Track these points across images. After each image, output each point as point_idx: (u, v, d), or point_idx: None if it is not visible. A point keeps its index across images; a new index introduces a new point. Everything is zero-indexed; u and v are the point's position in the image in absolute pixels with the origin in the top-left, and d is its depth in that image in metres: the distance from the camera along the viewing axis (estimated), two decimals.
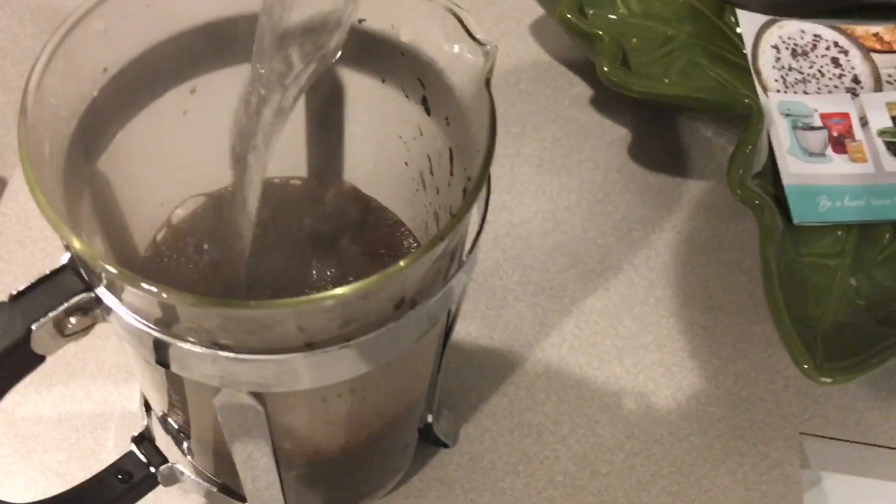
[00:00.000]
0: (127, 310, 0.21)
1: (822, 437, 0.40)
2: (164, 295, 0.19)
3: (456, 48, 0.24)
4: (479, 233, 0.23)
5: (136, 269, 0.27)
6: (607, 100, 0.49)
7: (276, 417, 0.25)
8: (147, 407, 0.33)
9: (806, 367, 0.35)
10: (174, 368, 0.22)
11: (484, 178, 0.21)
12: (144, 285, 0.18)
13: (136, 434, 0.32)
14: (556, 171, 0.46)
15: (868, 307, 0.41)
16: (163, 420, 0.31)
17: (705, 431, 0.39)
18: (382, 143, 0.29)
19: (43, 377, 0.38)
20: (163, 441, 0.33)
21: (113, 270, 0.19)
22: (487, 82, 0.22)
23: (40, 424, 0.37)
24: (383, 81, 0.27)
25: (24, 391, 0.38)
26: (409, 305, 0.22)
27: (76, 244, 0.19)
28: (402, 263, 0.19)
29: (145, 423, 0.33)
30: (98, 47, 0.23)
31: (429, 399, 0.33)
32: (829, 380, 0.35)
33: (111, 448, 0.37)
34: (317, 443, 0.28)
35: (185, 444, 0.31)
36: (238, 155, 0.23)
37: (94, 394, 0.38)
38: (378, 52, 0.26)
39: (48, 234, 0.42)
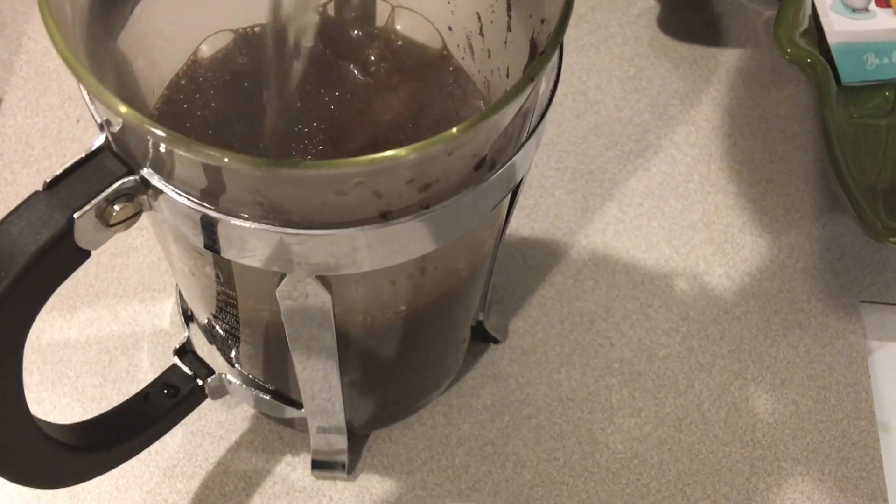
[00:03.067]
0: (178, 190, 0.19)
1: (884, 303, 0.38)
2: (229, 160, 0.16)
3: None
4: (553, 89, 0.21)
5: None
6: None
7: (339, 306, 0.23)
8: (186, 318, 0.31)
9: (875, 227, 0.33)
10: (232, 255, 0.20)
11: (571, 6, 0.18)
12: (210, 151, 0.16)
13: (177, 346, 0.30)
14: (583, 49, 0.44)
15: None
16: (207, 329, 0.29)
17: (763, 307, 0.38)
18: (422, 6, 0.26)
19: (66, 300, 0.36)
20: (205, 352, 0.31)
21: (168, 136, 0.16)
22: None
23: (68, 349, 0.35)
24: None
25: (48, 316, 0.36)
26: (488, 166, 0.20)
27: (122, 108, 0.16)
28: (489, 109, 0.17)
29: (186, 334, 0.31)
30: None
31: (483, 292, 0.31)
32: None
33: (146, 368, 0.35)
34: (378, 337, 0.26)
35: (232, 353, 0.29)
36: None
37: (122, 314, 0.36)
38: None
39: (51, 152, 0.39)
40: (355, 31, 0.27)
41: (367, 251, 0.20)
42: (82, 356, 0.35)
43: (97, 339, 0.36)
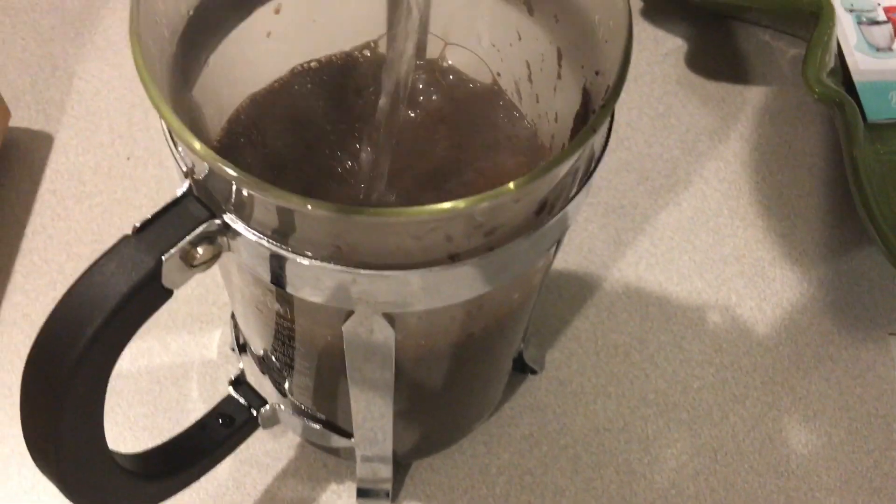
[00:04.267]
0: (255, 232, 0.20)
1: None
2: (312, 206, 0.17)
3: None
4: (607, 139, 0.22)
5: None
6: (656, 11, 0.48)
7: (398, 342, 0.24)
8: (240, 349, 0.32)
9: None
10: (305, 293, 0.21)
11: (628, 62, 0.19)
12: (292, 197, 0.17)
13: (232, 377, 0.31)
14: None
15: None
16: (261, 360, 0.30)
17: (794, 340, 0.39)
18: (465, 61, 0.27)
19: None
20: (257, 383, 0.32)
21: (253, 182, 0.18)
22: None
23: (120, 380, 0.36)
24: None
25: None
26: (548, 211, 0.21)
27: (210, 156, 0.18)
28: (558, 157, 0.18)
29: (240, 366, 0.32)
30: None
31: (526, 325, 0.32)
32: None
33: (195, 398, 0.36)
34: (430, 367, 0.27)
35: (286, 383, 0.30)
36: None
37: (172, 345, 0.37)
38: None
39: (103, 188, 0.41)
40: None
41: (432, 291, 0.21)
42: (134, 386, 0.36)
43: (148, 369, 0.37)
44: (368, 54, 0.27)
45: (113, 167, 0.41)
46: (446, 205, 0.17)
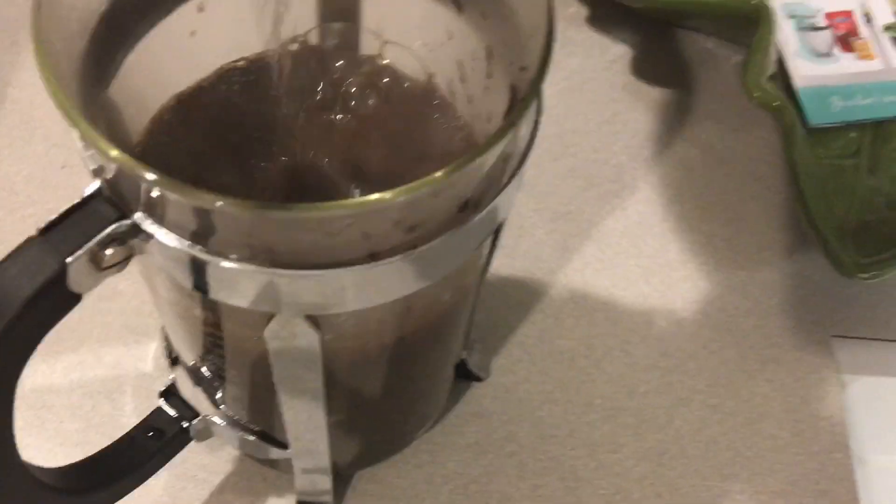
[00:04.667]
0: (170, 234, 0.19)
1: (855, 338, 0.39)
2: (222, 203, 0.17)
3: None
4: (533, 133, 0.22)
5: None
6: (601, 17, 0.48)
7: (325, 344, 0.23)
8: (172, 361, 0.31)
9: (844, 263, 0.34)
10: (222, 296, 0.20)
11: (549, 54, 0.19)
12: (202, 195, 0.17)
13: (162, 389, 0.30)
14: (560, 94, 0.45)
15: (888, 204, 0.40)
16: (193, 371, 0.29)
17: (738, 343, 0.38)
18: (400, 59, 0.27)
19: (49, 345, 0.36)
20: (190, 395, 0.31)
21: (161, 180, 0.17)
22: None
23: (51, 394, 0.35)
24: None
25: (31, 361, 0.36)
26: (472, 208, 0.20)
27: (115, 153, 0.17)
28: (474, 152, 0.18)
29: (171, 377, 0.31)
30: None
31: (466, 330, 0.32)
32: (866, 275, 0.34)
33: (130, 412, 0.35)
34: (363, 374, 0.26)
35: (218, 394, 0.29)
36: None
37: (105, 358, 0.36)
38: None
39: (36, 199, 0.40)
40: (339, 62, 0.27)
41: (355, 291, 0.20)
42: (66, 401, 0.35)
43: (80, 383, 0.36)
44: (297, 48, 0.27)
45: (47, 176, 0.40)
46: (360, 199, 0.17)
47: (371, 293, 0.20)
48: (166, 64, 0.25)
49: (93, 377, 0.36)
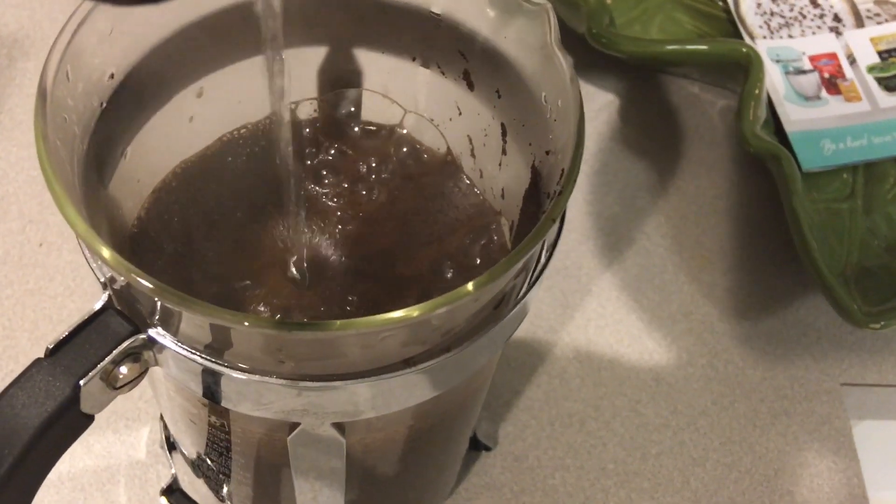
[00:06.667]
0: (188, 348, 0.18)
1: (864, 385, 0.39)
2: (249, 323, 0.16)
3: (503, 12, 0.21)
4: (562, 221, 0.21)
5: None
6: (586, 66, 0.47)
7: (352, 446, 0.22)
8: (170, 448, 0.29)
9: (854, 314, 0.34)
10: (243, 409, 0.19)
11: (582, 144, 0.18)
12: (226, 313, 0.15)
13: (164, 486, 0.29)
14: None
15: (887, 247, 0.40)
16: (195, 465, 0.28)
17: (748, 396, 0.38)
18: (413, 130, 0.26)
19: None
20: (191, 487, 0.30)
21: (180, 298, 0.16)
22: (557, 42, 0.20)
23: (41, 489, 0.33)
24: (413, 60, 0.24)
25: None
26: (506, 303, 0.19)
27: (128, 272, 0.16)
28: (521, 249, 0.17)
29: (172, 471, 0.29)
30: (103, 50, 0.20)
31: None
32: (878, 325, 0.34)
33: None
34: (383, 460, 0.25)
35: (224, 490, 0.28)
36: None
37: (95, 447, 0.34)
38: (407, 27, 0.23)
39: (13, 279, 0.38)
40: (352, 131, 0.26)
41: (386, 397, 0.19)
42: (55, 496, 0.33)
43: (70, 476, 0.34)
44: (301, 117, 0.26)
45: (24, 255, 0.38)
46: (400, 314, 0.16)
47: (401, 398, 0.19)
48: (165, 153, 0.24)
49: (82, 468, 0.34)
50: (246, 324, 0.16)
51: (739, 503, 0.35)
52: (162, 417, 0.31)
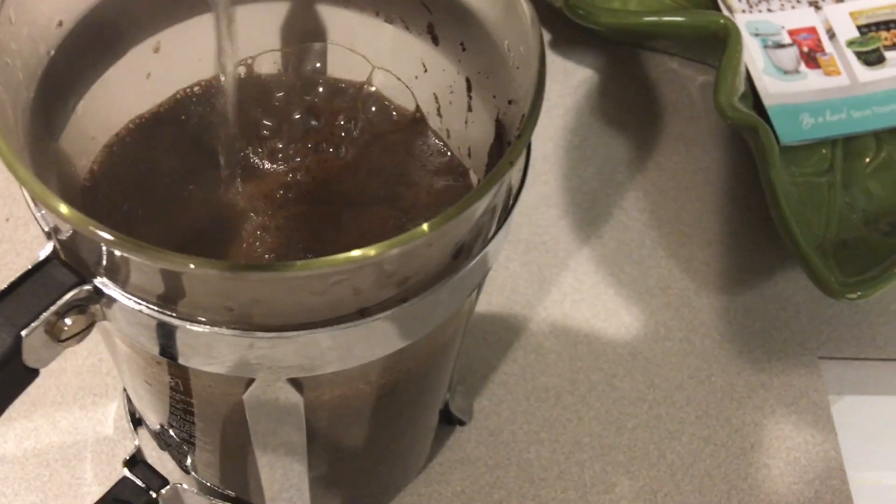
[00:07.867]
0: (135, 298, 0.17)
1: (842, 358, 0.38)
2: (195, 265, 0.15)
3: None
4: (524, 173, 0.20)
5: None
6: (565, 42, 0.47)
7: (307, 402, 0.21)
8: (135, 423, 0.29)
9: (830, 285, 0.34)
10: (196, 363, 0.19)
11: (543, 86, 0.18)
12: (173, 257, 0.15)
13: (127, 457, 0.28)
14: None
15: (866, 221, 0.40)
16: (159, 435, 0.27)
17: (725, 369, 0.37)
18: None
19: None
20: (157, 460, 0.29)
21: (123, 241, 0.15)
22: None
23: (5, 465, 0.33)
24: (377, 15, 0.24)
25: None
26: (465, 254, 0.19)
27: (70, 213, 0.15)
28: (472, 195, 0.16)
29: (135, 443, 0.29)
30: None
31: (451, 375, 0.30)
32: (854, 294, 0.34)
33: (90, 480, 0.33)
34: (346, 429, 0.25)
35: (188, 460, 0.27)
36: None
37: (62, 423, 0.34)
38: None
39: None
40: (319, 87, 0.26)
41: (341, 350, 0.18)
42: (20, 472, 0.33)
43: (35, 452, 0.33)
44: (257, 74, 0.25)
45: None
46: (351, 254, 0.15)
47: (359, 352, 0.19)
48: (121, 110, 0.23)
49: (48, 444, 0.33)
50: (191, 266, 0.15)
51: (716, 476, 0.35)
52: (125, 390, 0.31)
